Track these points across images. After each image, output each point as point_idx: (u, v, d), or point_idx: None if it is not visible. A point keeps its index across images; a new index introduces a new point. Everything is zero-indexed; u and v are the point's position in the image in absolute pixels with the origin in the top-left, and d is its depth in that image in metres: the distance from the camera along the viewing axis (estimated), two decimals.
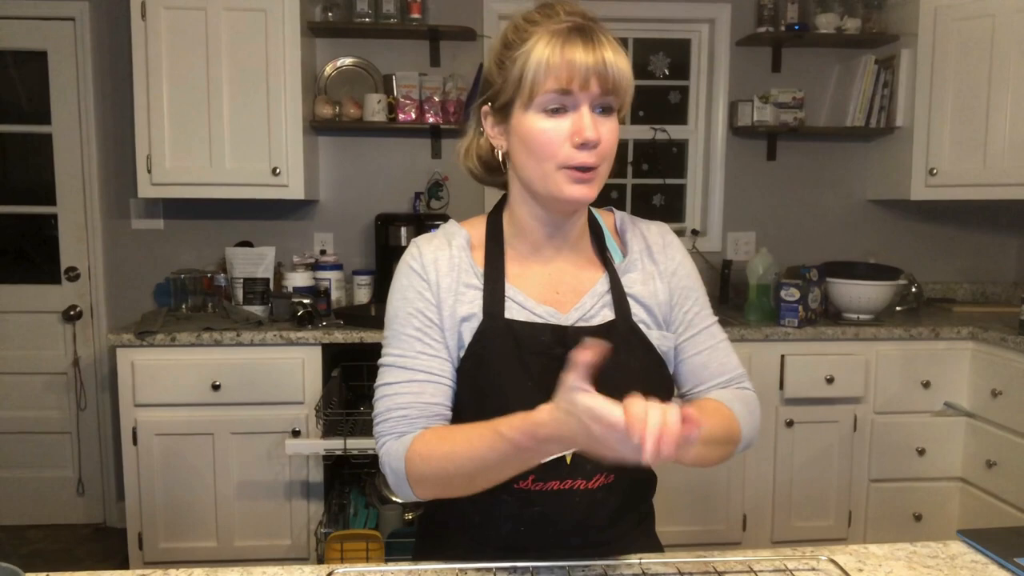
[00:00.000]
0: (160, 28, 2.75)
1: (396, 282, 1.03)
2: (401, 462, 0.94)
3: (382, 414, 0.97)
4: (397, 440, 0.95)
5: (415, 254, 1.03)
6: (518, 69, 0.96)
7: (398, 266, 1.05)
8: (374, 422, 0.98)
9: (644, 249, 1.14)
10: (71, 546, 3.13)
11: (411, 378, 0.97)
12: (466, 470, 0.90)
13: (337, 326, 2.69)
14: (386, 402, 0.97)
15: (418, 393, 0.97)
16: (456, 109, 3.11)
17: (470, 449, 0.89)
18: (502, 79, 0.99)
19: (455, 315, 1.01)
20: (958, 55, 2.87)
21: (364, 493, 2.89)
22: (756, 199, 3.38)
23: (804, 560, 1.01)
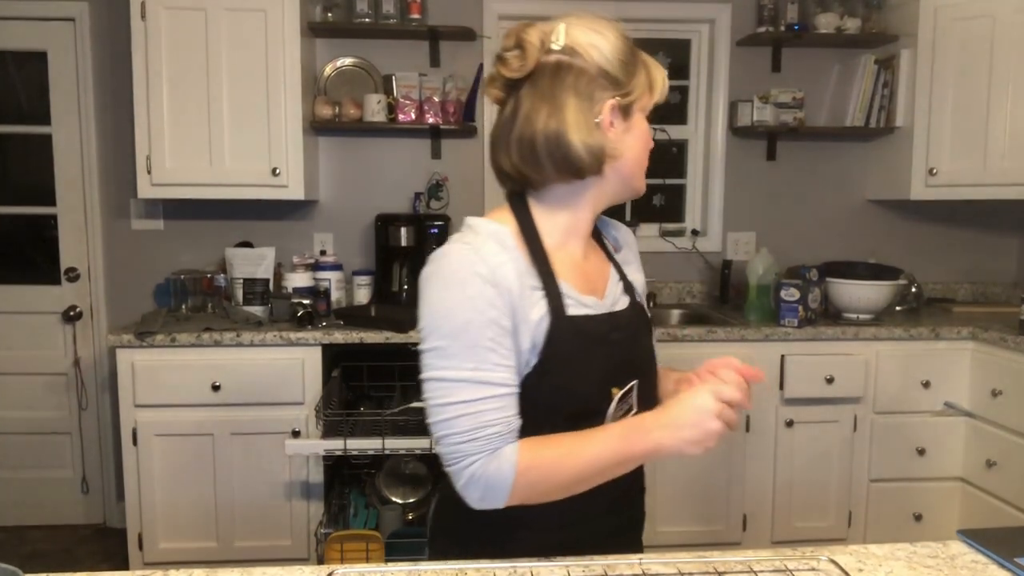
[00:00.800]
0: (160, 28, 2.75)
1: (460, 291, 0.95)
2: (507, 476, 0.94)
3: (468, 432, 0.93)
4: (491, 456, 0.94)
5: (477, 260, 0.97)
6: (646, 75, 1.04)
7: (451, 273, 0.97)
8: (455, 440, 0.94)
9: (628, 243, 1.24)
10: (71, 546, 3.13)
11: (492, 393, 0.95)
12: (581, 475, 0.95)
13: (337, 326, 2.69)
14: (470, 420, 0.94)
15: (501, 408, 0.95)
16: (456, 109, 3.11)
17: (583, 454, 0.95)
18: (628, 79, 1.02)
19: (529, 319, 0.99)
20: (958, 55, 2.87)
21: (364, 493, 2.90)
22: (756, 199, 3.38)
23: (804, 560, 1.01)
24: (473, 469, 0.94)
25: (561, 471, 0.96)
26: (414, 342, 2.63)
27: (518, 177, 1.05)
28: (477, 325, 0.95)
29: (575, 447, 0.96)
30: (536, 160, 1.02)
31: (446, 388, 0.95)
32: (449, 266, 0.98)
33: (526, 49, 1.01)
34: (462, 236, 1.03)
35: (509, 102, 1.05)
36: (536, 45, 1.01)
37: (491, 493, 0.95)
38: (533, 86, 1.02)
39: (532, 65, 1.01)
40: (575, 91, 1.00)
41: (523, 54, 1.02)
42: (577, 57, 1.01)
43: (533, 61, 1.01)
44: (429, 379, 0.97)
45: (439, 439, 0.96)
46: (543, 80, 1.01)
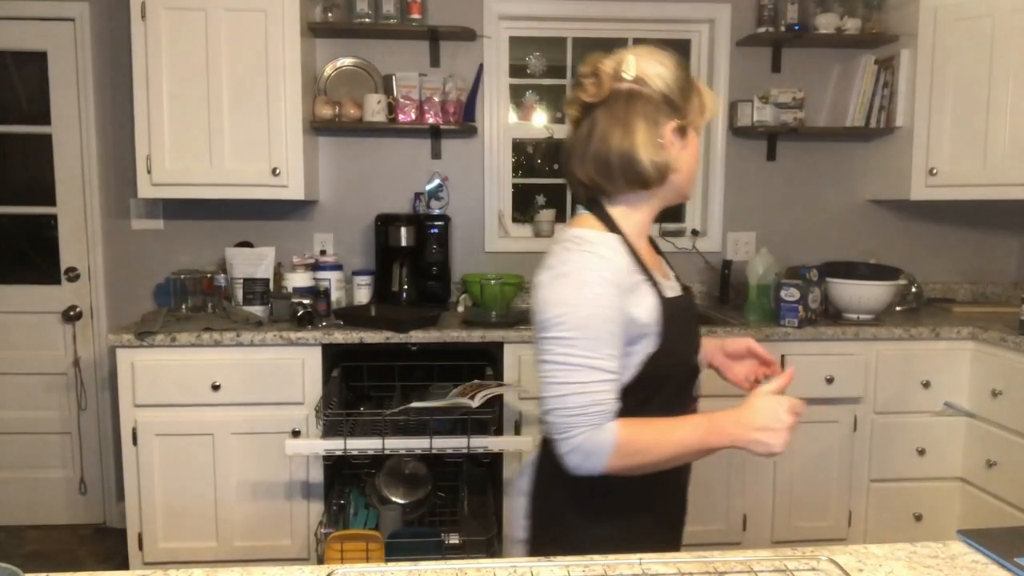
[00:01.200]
0: (160, 28, 2.75)
1: (589, 291, 1.12)
2: (607, 446, 1.10)
3: (579, 408, 1.11)
4: (596, 430, 1.11)
5: (603, 266, 1.13)
6: (698, 99, 1.25)
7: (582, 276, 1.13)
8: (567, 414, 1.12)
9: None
10: (71, 546, 3.13)
11: (602, 378, 1.12)
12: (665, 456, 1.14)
13: (337, 326, 2.69)
14: (582, 399, 1.11)
15: (608, 391, 1.12)
16: (456, 109, 3.11)
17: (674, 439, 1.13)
18: (685, 104, 1.23)
19: (646, 306, 1.17)
20: (958, 55, 2.87)
21: (364, 493, 2.89)
22: (756, 199, 3.38)
23: (804, 560, 1.01)
24: (580, 440, 1.11)
25: (651, 450, 1.12)
26: (414, 342, 2.63)
27: (593, 186, 1.24)
28: (598, 320, 1.11)
29: (665, 430, 1.14)
30: (610, 174, 1.20)
31: (565, 371, 1.12)
32: (580, 270, 1.14)
33: (601, 78, 1.20)
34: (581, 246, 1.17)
35: (585, 121, 1.23)
36: (610, 74, 1.19)
37: (591, 460, 1.12)
38: (608, 109, 1.20)
39: (607, 92, 1.20)
40: (644, 116, 1.19)
41: (599, 82, 1.20)
42: (645, 86, 1.20)
43: (607, 89, 1.19)
44: (551, 361, 1.14)
45: (550, 411, 1.14)
46: (617, 105, 1.19)
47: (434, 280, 3.06)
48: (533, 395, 2.69)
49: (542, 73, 3.36)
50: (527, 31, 3.31)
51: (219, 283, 3.00)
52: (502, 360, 2.68)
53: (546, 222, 3.33)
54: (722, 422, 1.12)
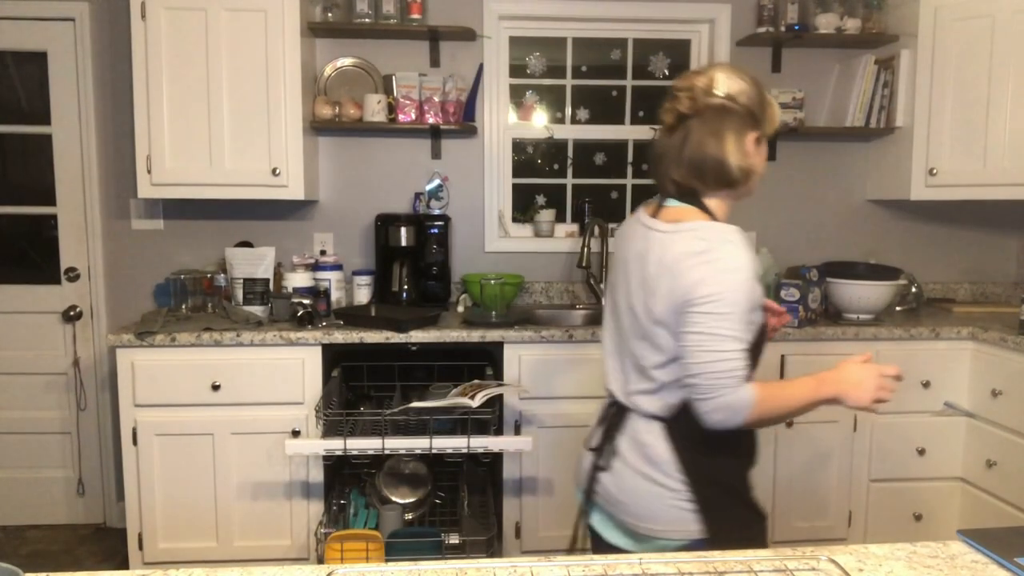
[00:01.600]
0: (160, 28, 2.75)
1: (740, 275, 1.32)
2: (747, 404, 1.30)
3: (726, 372, 1.30)
4: (737, 390, 1.30)
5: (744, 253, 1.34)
6: (770, 112, 1.45)
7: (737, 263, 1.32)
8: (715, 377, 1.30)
9: None
10: (71, 546, 3.13)
11: (742, 347, 1.31)
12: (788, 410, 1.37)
13: (337, 326, 2.69)
14: (728, 365, 1.30)
15: (745, 359, 1.32)
16: (456, 109, 3.11)
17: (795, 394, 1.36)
18: (763, 117, 1.43)
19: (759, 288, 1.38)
20: (958, 55, 2.87)
21: (364, 493, 2.90)
22: (756, 199, 3.38)
23: (804, 560, 1.01)
24: (725, 400, 1.30)
25: (779, 406, 1.35)
26: (414, 342, 2.63)
27: (686, 187, 1.43)
28: (745, 301, 1.32)
29: (787, 388, 1.37)
30: (703, 176, 1.41)
31: (715, 340, 1.30)
32: (729, 257, 1.32)
33: (695, 93, 1.40)
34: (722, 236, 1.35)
35: (679, 130, 1.42)
36: (703, 90, 1.40)
37: (734, 417, 1.31)
38: (701, 121, 1.40)
39: (701, 106, 1.39)
40: (733, 128, 1.40)
41: (693, 96, 1.40)
42: (734, 102, 1.40)
43: (701, 103, 1.39)
44: (703, 332, 1.31)
45: (699, 374, 1.31)
46: (709, 117, 1.40)
47: (434, 280, 3.06)
48: (533, 395, 2.69)
49: (542, 73, 3.36)
50: (527, 31, 3.31)
51: (219, 283, 3.00)
52: (502, 360, 2.68)
53: (546, 222, 3.33)
54: (825, 380, 1.38)
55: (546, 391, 2.70)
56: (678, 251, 1.34)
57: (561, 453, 2.73)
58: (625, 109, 3.40)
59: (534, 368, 2.69)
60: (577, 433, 2.72)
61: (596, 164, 3.43)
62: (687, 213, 1.41)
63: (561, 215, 3.42)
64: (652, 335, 1.39)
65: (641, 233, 1.45)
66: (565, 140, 3.40)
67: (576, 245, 3.34)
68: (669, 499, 1.40)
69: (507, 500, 2.74)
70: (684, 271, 1.32)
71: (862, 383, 1.38)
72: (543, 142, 3.40)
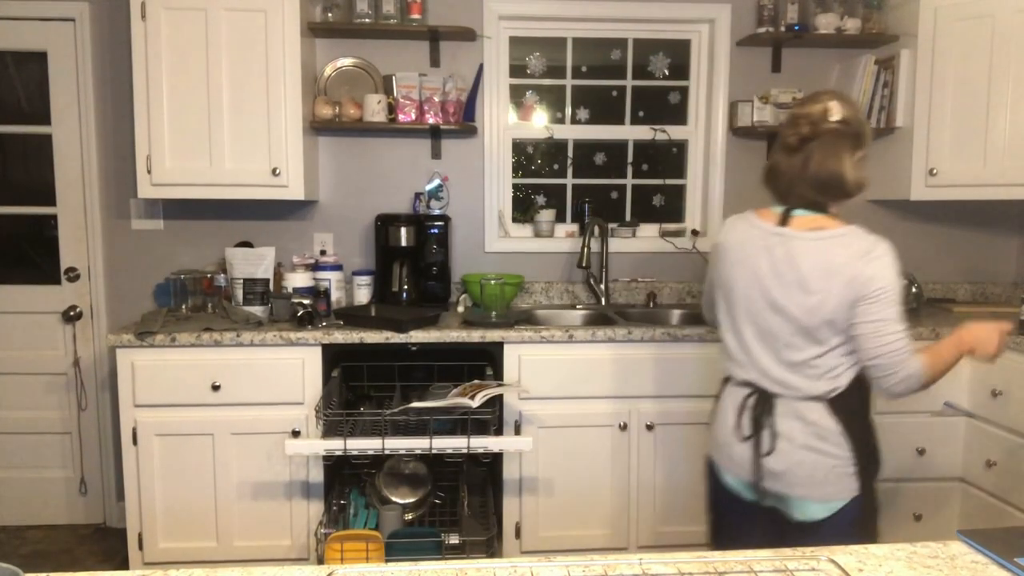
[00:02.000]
0: (160, 28, 2.75)
1: (897, 268, 1.59)
2: (920, 371, 1.58)
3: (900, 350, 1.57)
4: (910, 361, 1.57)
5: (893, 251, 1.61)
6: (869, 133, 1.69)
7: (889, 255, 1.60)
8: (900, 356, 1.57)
9: None
10: (71, 546, 3.13)
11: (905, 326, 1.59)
12: (946, 365, 1.64)
13: (337, 326, 2.69)
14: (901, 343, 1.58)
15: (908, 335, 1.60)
16: (456, 109, 3.11)
17: (946, 356, 1.64)
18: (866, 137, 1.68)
19: None
20: (958, 55, 2.87)
21: (364, 493, 2.90)
22: (756, 199, 3.38)
23: (804, 560, 1.01)
24: (903, 372, 1.58)
25: (940, 367, 1.62)
26: (414, 342, 2.63)
27: (812, 200, 1.67)
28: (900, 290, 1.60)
29: (941, 353, 1.64)
30: (826, 191, 1.66)
31: (890, 325, 1.58)
32: (888, 254, 1.60)
33: (814, 119, 1.64)
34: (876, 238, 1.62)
35: (800, 151, 1.66)
36: (820, 116, 1.63)
37: (912, 384, 1.59)
38: (820, 143, 1.63)
39: (820, 130, 1.63)
40: (847, 148, 1.64)
41: (813, 121, 1.64)
42: (847, 126, 1.64)
43: (820, 128, 1.63)
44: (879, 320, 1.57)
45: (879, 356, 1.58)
46: (827, 140, 1.63)
47: (434, 280, 3.06)
48: (533, 395, 2.69)
49: (542, 73, 3.36)
50: (527, 31, 3.31)
51: (219, 283, 3.00)
52: (502, 360, 2.68)
53: (546, 222, 3.33)
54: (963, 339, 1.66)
55: (546, 391, 2.70)
56: (844, 254, 1.58)
57: (561, 453, 2.73)
58: (625, 109, 3.40)
59: (534, 368, 2.69)
60: (577, 433, 2.72)
61: (596, 164, 3.43)
62: (825, 221, 1.65)
63: (561, 215, 3.42)
64: (813, 331, 1.61)
65: (775, 240, 1.65)
66: (565, 140, 3.40)
67: (576, 245, 3.34)
68: (838, 467, 1.62)
69: (507, 500, 2.74)
70: (857, 271, 1.57)
71: (990, 338, 1.66)
72: (543, 142, 3.40)
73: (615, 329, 2.69)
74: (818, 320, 1.59)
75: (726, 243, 1.75)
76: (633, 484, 2.77)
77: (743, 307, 1.70)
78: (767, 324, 1.65)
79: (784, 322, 1.63)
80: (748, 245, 1.69)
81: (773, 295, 1.64)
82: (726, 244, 1.75)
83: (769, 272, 1.65)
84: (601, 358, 2.70)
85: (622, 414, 2.73)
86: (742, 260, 1.70)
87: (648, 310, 3.23)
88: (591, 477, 2.75)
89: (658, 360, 2.71)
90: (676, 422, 2.74)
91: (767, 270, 1.65)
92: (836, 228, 1.63)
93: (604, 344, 2.70)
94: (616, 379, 2.71)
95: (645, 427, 2.74)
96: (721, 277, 1.76)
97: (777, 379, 1.65)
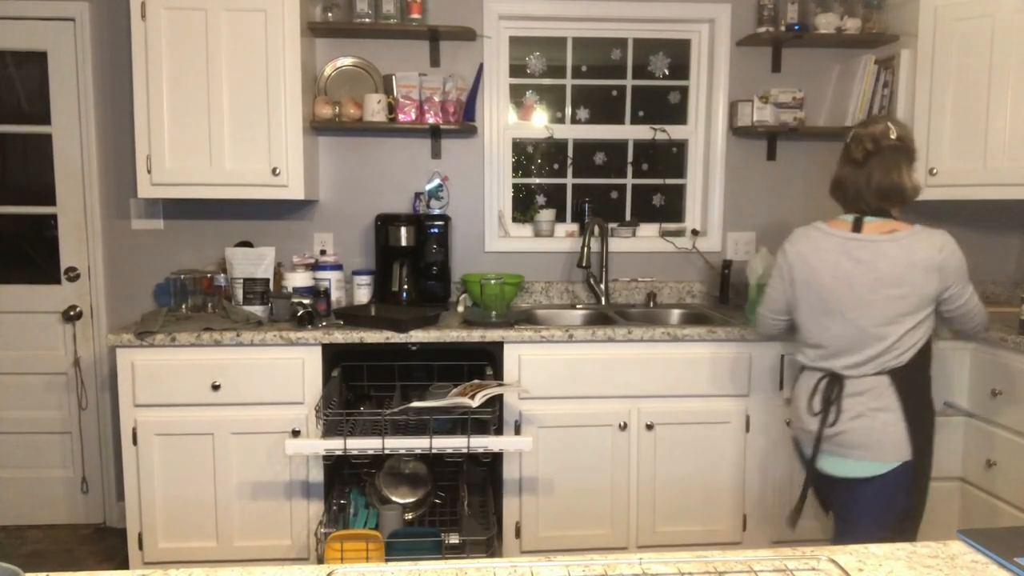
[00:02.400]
0: (160, 28, 2.75)
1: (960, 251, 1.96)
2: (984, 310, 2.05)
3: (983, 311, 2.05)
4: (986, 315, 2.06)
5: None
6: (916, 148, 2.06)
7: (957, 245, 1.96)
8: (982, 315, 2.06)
9: None
10: (71, 546, 3.13)
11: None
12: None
13: (337, 326, 2.70)
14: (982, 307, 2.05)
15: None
16: (456, 109, 3.11)
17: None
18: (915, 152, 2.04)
19: None
20: (958, 55, 2.87)
21: (364, 493, 2.90)
22: (756, 199, 3.38)
23: (804, 560, 1.01)
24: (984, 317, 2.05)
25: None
26: (414, 342, 2.63)
27: (877, 207, 2.00)
28: None
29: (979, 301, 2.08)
30: (890, 199, 1.99)
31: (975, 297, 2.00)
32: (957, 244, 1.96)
33: (877, 136, 1.98)
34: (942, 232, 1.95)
35: (864, 166, 1.99)
36: (882, 135, 1.98)
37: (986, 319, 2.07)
38: (881, 158, 1.98)
39: (881, 146, 1.97)
40: (905, 161, 1.99)
41: (876, 139, 1.97)
42: (902, 143, 1.99)
43: (882, 144, 1.97)
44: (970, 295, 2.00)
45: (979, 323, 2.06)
46: (888, 155, 1.98)
47: (434, 280, 3.06)
48: (533, 395, 2.69)
49: (542, 73, 3.36)
50: (527, 31, 3.31)
51: (219, 283, 3.00)
52: (502, 360, 2.68)
53: (546, 222, 3.33)
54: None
55: (546, 391, 2.70)
56: (922, 249, 1.91)
57: (561, 453, 2.73)
58: (625, 109, 3.40)
59: (534, 368, 2.69)
60: (577, 433, 2.72)
61: (596, 164, 3.43)
62: (895, 224, 1.98)
63: (561, 215, 3.42)
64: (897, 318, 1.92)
65: (853, 244, 1.97)
66: (565, 140, 3.40)
67: (576, 245, 3.34)
68: (895, 431, 1.93)
69: (507, 500, 2.74)
70: (937, 263, 1.91)
71: None
72: (543, 142, 3.40)
73: (615, 329, 2.69)
74: (904, 309, 1.91)
75: (803, 252, 2.05)
76: (633, 484, 2.77)
77: (831, 305, 1.99)
78: (854, 316, 1.95)
79: (871, 314, 1.93)
80: (828, 251, 2.00)
81: (860, 292, 1.94)
82: (804, 253, 2.04)
83: (855, 272, 1.95)
84: (601, 358, 2.70)
85: (622, 414, 2.73)
86: (825, 265, 2.00)
87: (648, 310, 3.23)
88: (591, 477, 2.75)
89: (658, 360, 2.71)
90: (676, 422, 2.74)
91: (851, 270, 1.95)
92: (907, 229, 1.95)
93: (604, 344, 2.70)
94: (616, 379, 2.71)
95: (645, 427, 2.74)
96: (804, 282, 2.05)
97: (853, 363, 1.97)
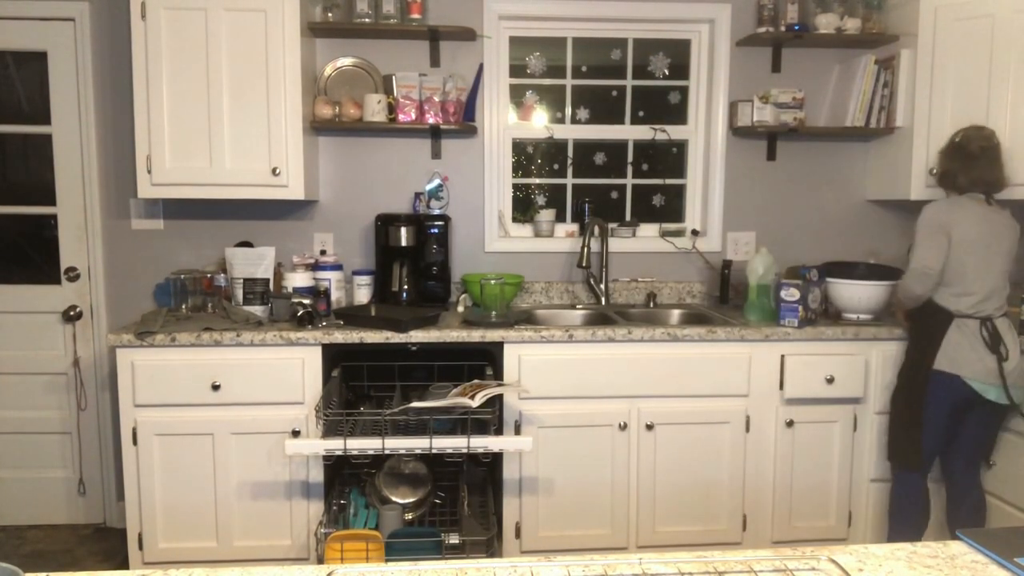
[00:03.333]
0: (160, 28, 2.75)
1: None
2: None
3: None
4: None
5: None
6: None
7: None
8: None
9: None
10: (71, 546, 3.13)
11: None
12: None
13: (337, 326, 2.70)
14: None
15: None
16: (456, 109, 3.11)
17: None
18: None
19: None
20: (958, 55, 2.87)
21: (364, 493, 2.90)
22: (756, 199, 3.38)
23: (804, 560, 1.01)
24: None
25: None
26: (414, 342, 2.63)
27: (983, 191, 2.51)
28: None
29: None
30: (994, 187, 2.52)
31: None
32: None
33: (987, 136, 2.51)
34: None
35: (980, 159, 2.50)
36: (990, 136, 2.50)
37: None
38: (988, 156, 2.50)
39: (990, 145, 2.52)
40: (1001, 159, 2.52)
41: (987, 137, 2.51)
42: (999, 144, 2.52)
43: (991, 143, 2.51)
44: None
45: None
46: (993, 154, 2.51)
47: (434, 280, 3.06)
48: (533, 395, 2.69)
49: (542, 73, 3.36)
50: (527, 31, 3.31)
51: (219, 283, 3.00)
52: (502, 360, 2.68)
53: (546, 222, 3.33)
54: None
55: (546, 391, 2.70)
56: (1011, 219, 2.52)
57: (561, 453, 2.73)
58: (625, 109, 3.40)
59: (534, 368, 2.69)
60: (577, 433, 2.72)
61: (596, 164, 3.43)
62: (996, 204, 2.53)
63: (561, 215, 3.42)
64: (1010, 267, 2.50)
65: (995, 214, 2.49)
66: (565, 140, 3.40)
67: (576, 245, 3.34)
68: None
69: (507, 500, 2.74)
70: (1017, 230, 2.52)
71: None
72: (543, 142, 3.40)
73: (615, 329, 2.69)
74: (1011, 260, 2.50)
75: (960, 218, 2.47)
76: (633, 484, 2.77)
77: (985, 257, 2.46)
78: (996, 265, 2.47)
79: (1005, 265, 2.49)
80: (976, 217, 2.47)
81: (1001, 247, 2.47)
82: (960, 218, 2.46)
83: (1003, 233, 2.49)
84: (601, 358, 2.70)
85: (622, 414, 2.73)
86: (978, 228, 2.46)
87: (648, 310, 3.23)
88: (591, 477, 2.75)
89: (658, 360, 2.71)
90: (676, 422, 2.74)
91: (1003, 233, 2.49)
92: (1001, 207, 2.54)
93: (604, 344, 2.70)
94: (616, 379, 2.71)
95: (645, 427, 2.74)
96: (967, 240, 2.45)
97: (995, 307, 2.48)
